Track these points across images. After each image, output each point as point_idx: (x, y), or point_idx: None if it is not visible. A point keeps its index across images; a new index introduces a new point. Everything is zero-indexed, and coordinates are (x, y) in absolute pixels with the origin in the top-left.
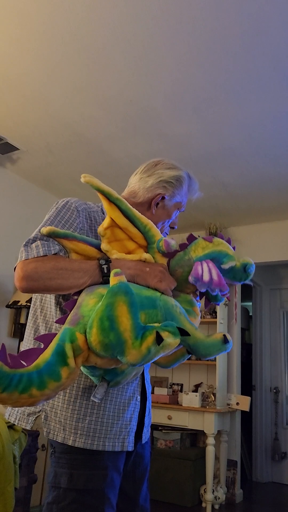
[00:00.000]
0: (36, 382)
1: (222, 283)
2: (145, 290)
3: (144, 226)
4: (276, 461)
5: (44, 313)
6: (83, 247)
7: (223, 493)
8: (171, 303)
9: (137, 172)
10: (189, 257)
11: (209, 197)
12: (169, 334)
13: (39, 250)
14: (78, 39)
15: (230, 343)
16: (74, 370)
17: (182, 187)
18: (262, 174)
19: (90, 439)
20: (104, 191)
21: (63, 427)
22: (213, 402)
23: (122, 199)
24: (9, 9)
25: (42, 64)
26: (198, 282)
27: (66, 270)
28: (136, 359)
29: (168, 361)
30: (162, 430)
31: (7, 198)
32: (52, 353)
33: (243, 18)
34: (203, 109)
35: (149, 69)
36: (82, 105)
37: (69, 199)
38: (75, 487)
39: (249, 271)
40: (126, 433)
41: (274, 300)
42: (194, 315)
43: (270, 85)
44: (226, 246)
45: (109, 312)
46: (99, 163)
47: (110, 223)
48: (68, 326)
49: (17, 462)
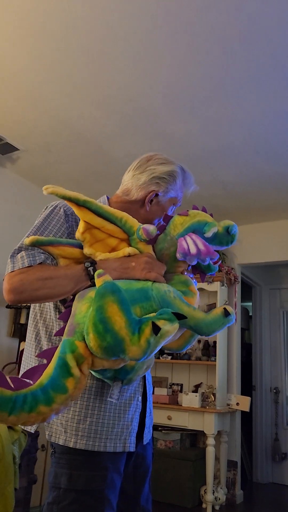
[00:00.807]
0: (42, 399)
1: (210, 251)
2: (135, 283)
3: (120, 219)
4: (276, 462)
5: (44, 317)
6: (70, 251)
7: (224, 493)
8: (163, 289)
9: (130, 169)
10: (170, 237)
11: (209, 196)
12: (165, 321)
13: (24, 261)
14: (77, 39)
15: (232, 315)
16: (79, 379)
17: (175, 182)
18: (262, 173)
19: (91, 440)
20: (71, 197)
21: (64, 429)
22: (213, 403)
23: (90, 200)
24: (7, 8)
25: (40, 63)
26: (187, 257)
27: (51, 279)
28: (138, 354)
29: (179, 344)
30: (162, 431)
31: (7, 198)
32: (54, 367)
33: (242, 17)
34: (203, 108)
35: (148, 68)
36: (81, 104)
37: (58, 203)
38: (75, 488)
39: (233, 232)
40: (128, 433)
41: (274, 300)
42: (192, 295)
43: (270, 83)
44: (203, 214)
45: (100, 315)
46: (98, 162)
47: (85, 226)
48: (66, 338)
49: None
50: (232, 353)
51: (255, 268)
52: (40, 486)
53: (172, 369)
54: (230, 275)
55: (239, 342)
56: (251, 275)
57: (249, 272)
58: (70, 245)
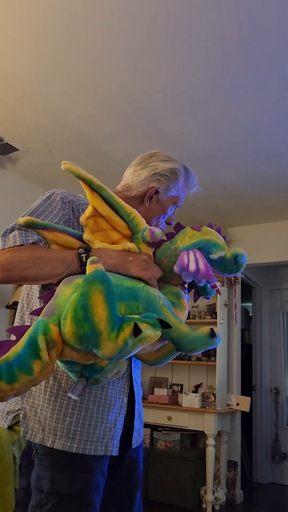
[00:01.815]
0: (5, 375)
1: (209, 274)
2: (127, 281)
3: (128, 214)
4: (276, 462)
5: (30, 308)
6: (65, 238)
7: (224, 494)
8: (153, 294)
9: (132, 164)
10: (175, 247)
11: (209, 197)
12: (148, 325)
13: (16, 239)
14: (77, 39)
15: (217, 337)
16: (47, 364)
17: (177, 181)
18: (262, 174)
19: (69, 441)
20: (86, 178)
21: (42, 427)
22: (213, 403)
23: (104, 186)
24: (7, 8)
25: (40, 63)
26: (183, 272)
27: (42, 259)
28: (112, 352)
29: (155, 358)
30: (162, 431)
31: (7, 198)
32: (23, 346)
33: (242, 17)
34: (203, 109)
35: (148, 68)
36: (81, 104)
37: (55, 191)
38: (57, 491)
39: (240, 262)
40: (110, 436)
41: (274, 300)
42: (181, 308)
43: (270, 84)
44: (215, 235)
45: (83, 301)
46: (99, 162)
47: (92, 212)
48: (42, 318)
49: (17, 463)
50: (232, 354)
51: (255, 268)
52: None
53: (172, 369)
54: None
55: (239, 342)
56: (251, 275)
57: (249, 273)
58: (66, 233)
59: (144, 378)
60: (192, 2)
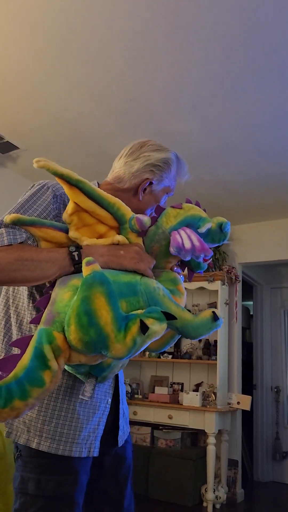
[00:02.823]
0: (17, 392)
1: (205, 248)
2: (123, 275)
3: (112, 205)
4: (277, 461)
5: (16, 304)
6: (53, 234)
7: (224, 492)
8: (152, 285)
9: (122, 155)
10: (163, 230)
11: (209, 195)
12: (153, 320)
13: (4, 239)
14: (76, 36)
15: (220, 320)
16: (56, 372)
17: (170, 170)
18: (263, 172)
19: (55, 443)
20: (63, 174)
21: (27, 428)
22: (213, 402)
23: (83, 180)
24: (7, 6)
25: (40, 62)
26: (181, 252)
27: (32, 260)
28: (122, 353)
29: (158, 345)
30: (162, 430)
31: (7, 196)
32: (30, 358)
33: (243, 15)
34: (203, 107)
35: (147, 66)
36: (81, 102)
37: (46, 182)
38: (44, 494)
39: (226, 230)
40: (94, 438)
41: (275, 299)
42: (179, 294)
43: (270, 82)
44: (198, 209)
45: (86, 306)
46: (98, 160)
47: (74, 208)
48: (44, 326)
49: None
50: (233, 352)
51: (256, 267)
52: None
53: (173, 368)
54: (231, 274)
55: (240, 341)
56: (252, 274)
57: (250, 271)
58: (54, 228)
59: (144, 376)
60: (192, 0)
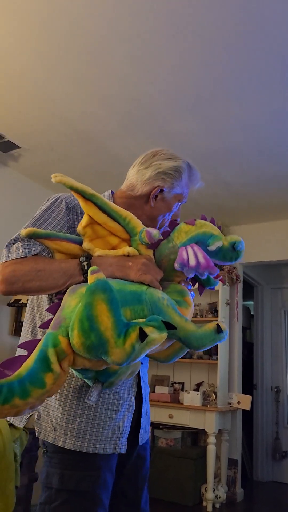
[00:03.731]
0: (18, 391)
1: (210, 265)
2: (129, 285)
3: (124, 218)
4: (277, 460)
5: (40, 310)
6: (67, 246)
7: (224, 492)
8: (157, 295)
9: (135, 163)
10: (173, 244)
11: (211, 195)
12: (153, 329)
13: (19, 251)
14: (79, 36)
15: (224, 332)
16: (59, 375)
17: (181, 178)
18: (264, 173)
19: (80, 441)
20: (78, 188)
21: (54, 428)
22: (214, 401)
23: (97, 194)
24: (9, 6)
25: (42, 61)
26: (184, 268)
27: (45, 271)
28: (121, 358)
29: (166, 355)
30: (163, 429)
31: (9, 196)
32: (35, 360)
33: (244, 15)
34: (205, 107)
35: (150, 67)
36: (83, 102)
37: (60, 196)
38: (67, 488)
39: (239, 248)
40: (119, 435)
41: (276, 299)
42: (186, 306)
43: (272, 83)
44: (210, 226)
45: (88, 312)
46: (100, 160)
47: (88, 220)
48: (51, 331)
49: (18, 461)
50: (233, 352)
51: (257, 267)
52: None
53: (174, 367)
54: (232, 274)
55: (240, 341)
56: (253, 274)
57: (251, 271)
58: (68, 240)
59: None
60: (194, 1)
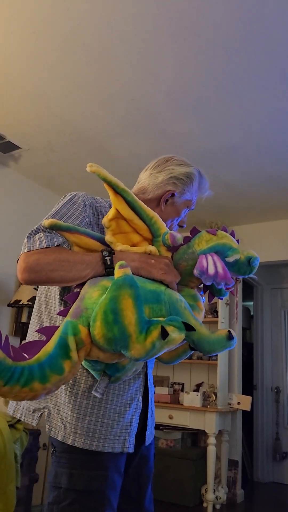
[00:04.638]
0: (37, 375)
1: (227, 276)
2: (149, 283)
3: (150, 218)
4: (277, 461)
5: (48, 309)
6: (86, 241)
7: (224, 493)
8: (175, 297)
9: (148, 168)
10: (192, 250)
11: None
12: (174, 328)
13: (42, 242)
14: (79, 37)
15: (234, 339)
16: (76, 363)
17: (192, 185)
18: (264, 173)
19: (89, 440)
20: (111, 181)
21: (64, 426)
22: (214, 402)
23: (128, 190)
24: (10, 7)
25: (43, 62)
26: (203, 276)
27: (68, 262)
28: (140, 354)
29: (170, 357)
30: (163, 430)
31: (9, 196)
32: (54, 346)
33: (243, 16)
34: (205, 107)
35: (150, 67)
36: (83, 103)
37: (76, 193)
38: (75, 488)
39: (254, 264)
40: (127, 434)
41: (276, 299)
42: (198, 310)
43: (272, 82)
44: (230, 239)
45: (113, 305)
46: (100, 161)
47: (115, 214)
48: (70, 319)
49: (19, 461)
50: (233, 353)
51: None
52: (41, 485)
53: (174, 368)
54: None
55: (240, 341)
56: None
57: None
58: (87, 235)
59: None
60: (194, 1)
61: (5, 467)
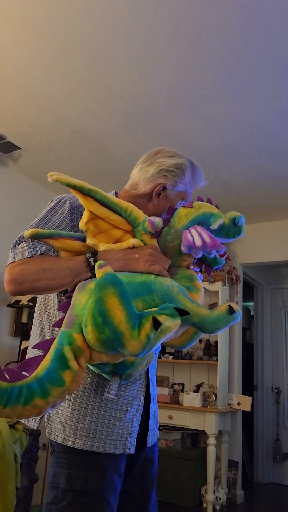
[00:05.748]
0: (37, 391)
1: (216, 243)
2: (138, 276)
3: (125, 210)
4: (277, 462)
5: (47, 312)
6: (71, 244)
7: (224, 493)
8: (167, 284)
9: (139, 163)
10: (175, 229)
11: (210, 194)
12: (166, 317)
13: (25, 251)
14: (79, 36)
15: (237, 313)
16: (77, 372)
17: (184, 176)
18: (264, 172)
19: (90, 441)
20: (76, 185)
21: (63, 428)
22: (214, 402)
23: (95, 189)
24: (10, 6)
25: (42, 61)
26: (192, 249)
27: (52, 270)
28: (137, 349)
29: (182, 341)
30: (163, 430)
31: (8, 196)
32: (51, 359)
33: (244, 15)
34: (204, 106)
35: (150, 66)
36: (83, 102)
37: (64, 196)
38: (73, 488)
39: (240, 223)
40: (128, 435)
41: (276, 299)
42: (196, 290)
43: (271, 81)
44: (209, 206)
45: (99, 307)
46: (100, 160)
47: (89, 216)
48: (64, 329)
49: (18, 462)
50: (233, 353)
51: (257, 267)
52: (41, 485)
53: (173, 368)
54: (232, 274)
55: (240, 342)
56: (253, 274)
57: (251, 272)
58: (72, 238)
59: None
60: (194, 1)
61: (5, 467)
